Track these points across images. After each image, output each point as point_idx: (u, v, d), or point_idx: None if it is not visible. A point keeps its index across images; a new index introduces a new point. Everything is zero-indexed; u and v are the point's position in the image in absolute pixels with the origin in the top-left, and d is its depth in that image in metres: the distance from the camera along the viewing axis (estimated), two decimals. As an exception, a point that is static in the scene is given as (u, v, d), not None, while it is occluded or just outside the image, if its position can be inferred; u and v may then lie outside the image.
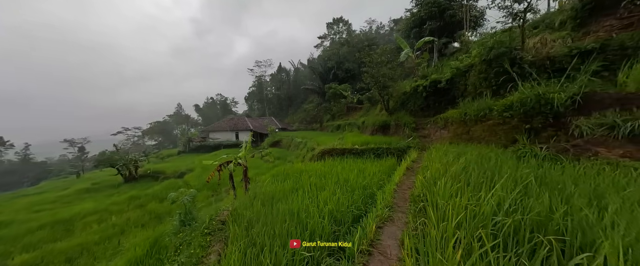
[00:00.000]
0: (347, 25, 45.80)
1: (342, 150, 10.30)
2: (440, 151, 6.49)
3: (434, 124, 11.36)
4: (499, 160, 4.33)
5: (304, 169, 7.96)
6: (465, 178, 3.16)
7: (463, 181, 3.09)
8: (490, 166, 3.84)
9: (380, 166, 7.75)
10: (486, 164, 4.03)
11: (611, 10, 8.44)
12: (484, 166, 4.07)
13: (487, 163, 4.14)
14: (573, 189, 2.57)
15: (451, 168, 3.68)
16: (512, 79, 8.07)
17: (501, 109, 7.15)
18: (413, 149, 9.66)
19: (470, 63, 10.20)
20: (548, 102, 6.06)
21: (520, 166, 3.88)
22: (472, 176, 3.27)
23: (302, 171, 7.72)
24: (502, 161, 4.36)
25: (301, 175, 7.02)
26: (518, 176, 3.09)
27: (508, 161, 4.40)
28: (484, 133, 7.76)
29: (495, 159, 4.46)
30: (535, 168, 3.83)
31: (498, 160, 4.36)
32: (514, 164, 4.08)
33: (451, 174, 3.38)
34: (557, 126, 5.99)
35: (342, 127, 27.65)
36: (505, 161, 4.34)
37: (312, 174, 6.93)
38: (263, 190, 5.61)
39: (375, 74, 15.30)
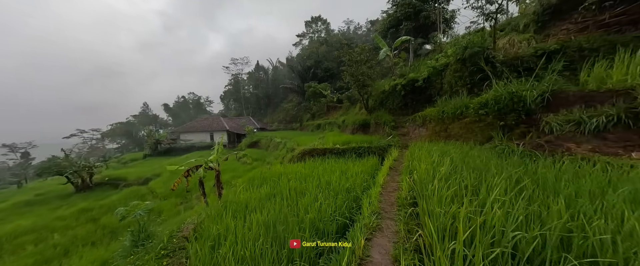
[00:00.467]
0: (326, 24, 45.67)
1: (323, 150, 9.90)
2: (423, 150, 6.38)
3: (412, 123, 11.48)
4: (484, 158, 4.23)
5: (282, 171, 7.40)
6: (457, 181, 2.92)
7: (456, 184, 2.83)
8: (477, 166, 3.69)
9: (363, 166, 7.48)
10: (472, 163, 3.89)
11: (567, 15, 9.16)
12: (470, 165, 3.92)
13: (473, 162, 4.01)
14: (569, 189, 2.44)
15: (440, 169, 3.44)
16: (485, 77, 8.32)
17: (477, 106, 7.28)
18: (394, 148, 9.58)
19: (446, 62, 10.43)
20: (521, 99, 6.23)
21: (505, 165, 3.79)
22: (464, 178, 3.04)
23: (281, 174, 7.15)
24: (487, 159, 4.28)
25: (280, 179, 6.46)
26: (509, 177, 2.91)
27: (492, 158, 4.34)
28: (461, 130, 7.88)
29: (480, 158, 4.37)
30: (519, 166, 3.76)
31: (483, 159, 4.26)
32: (499, 162, 4.00)
33: (442, 176, 3.13)
34: (529, 123, 6.20)
35: (323, 126, 27.41)
36: (489, 159, 4.27)
37: (292, 178, 6.41)
38: (236, 198, 4.96)
39: (354, 73, 15.17)
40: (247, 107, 57.87)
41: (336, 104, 31.59)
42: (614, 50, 6.46)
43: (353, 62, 15.55)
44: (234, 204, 4.58)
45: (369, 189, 5.03)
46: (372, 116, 14.84)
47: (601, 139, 4.78)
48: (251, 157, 22.32)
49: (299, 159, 9.69)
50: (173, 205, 11.37)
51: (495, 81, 7.12)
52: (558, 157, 4.64)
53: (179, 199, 11.75)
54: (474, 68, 8.50)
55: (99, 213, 10.34)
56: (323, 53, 41.30)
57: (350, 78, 15.68)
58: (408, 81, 12.72)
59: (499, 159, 4.36)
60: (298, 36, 47.27)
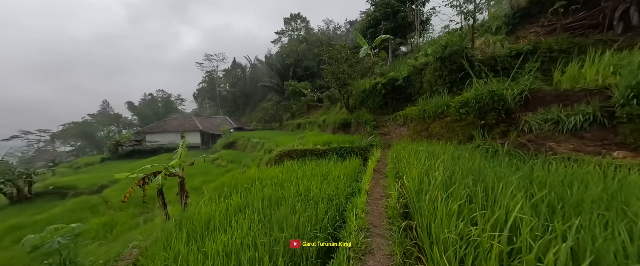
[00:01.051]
0: (305, 22, 44.90)
1: (303, 151, 9.26)
2: (407, 151, 6.05)
3: (393, 122, 11.31)
4: (477, 162, 3.92)
5: (257, 177, 6.62)
6: (459, 190, 2.49)
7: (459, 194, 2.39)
8: (471, 169, 3.35)
9: (345, 168, 6.99)
10: (466, 166, 3.55)
11: (535, 18, 9.59)
12: (462, 167, 3.57)
13: (465, 164, 3.67)
14: (577, 194, 2.14)
15: (435, 175, 3.01)
16: (464, 76, 8.32)
17: (458, 105, 7.18)
18: (376, 148, 9.27)
19: (425, 61, 10.38)
20: (501, 98, 6.18)
21: (497, 167, 3.51)
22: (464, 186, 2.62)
23: (256, 179, 6.37)
24: (476, 160, 3.99)
25: (253, 186, 5.69)
26: (516, 185, 2.54)
27: (481, 160, 4.08)
28: (443, 129, 7.76)
29: (472, 160, 4.08)
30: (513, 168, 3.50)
31: (475, 162, 3.95)
32: (490, 165, 3.71)
33: (438, 183, 2.69)
34: (509, 122, 6.17)
35: (303, 126, 26.75)
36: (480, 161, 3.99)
37: (267, 184, 5.69)
38: (196, 213, 4.12)
39: (335, 71, 14.73)
40: (224, 106, 54.95)
41: (317, 104, 31.09)
42: (580, 51, 6.75)
43: (333, 60, 15.10)
44: (192, 222, 3.74)
45: (353, 196, 4.51)
46: (353, 115, 14.53)
47: (579, 138, 4.79)
48: (226, 159, 20.89)
49: (276, 162, 8.93)
50: (131, 217, 9.91)
51: (476, 80, 7.07)
52: (542, 156, 4.53)
53: (139, 209, 10.28)
54: (454, 67, 8.46)
55: (33, 230, 8.56)
56: (303, 51, 40.52)
57: (331, 77, 15.22)
58: (388, 79, 12.58)
59: (489, 161, 4.11)
60: (277, 33, 45.92)
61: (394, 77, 12.43)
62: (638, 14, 7.13)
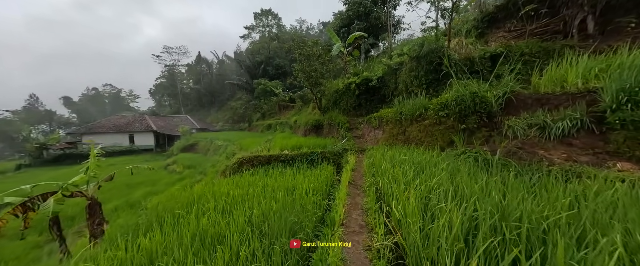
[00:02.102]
0: (277, 18, 42.87)
1: (268, 158, 7.86)
2: (386, 160, 5.14)
3: (367, 124, 10.55)
4: (482, 180, 3.05)
5: (202, 194, 5.08)
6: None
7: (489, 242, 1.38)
8: (475, 190, 2.47)
9: (315, 179, 5.84)
10: (471, 188, 2.67)
11: (502, 23, 9.68)
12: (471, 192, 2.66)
13: (471, 186, 2.79)
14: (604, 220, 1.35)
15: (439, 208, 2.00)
16: (441, 77, 7.84)
17: (437, 108, 6.57)
18: (350, 153, 8.32)
19: (400, 61, 9.81)
20: (483, 101, 5.67)
21: (496, 185, 2.70)
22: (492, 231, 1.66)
23: (199, 198, 4.83)
24: (480, 179, 3.15)
25: (191, 210, 4.17)
26: (559, 222, 1.66)
27: (481, 174, 3.29)
28: (421, 133, 7.12)
29: (472, 177, 3.24)
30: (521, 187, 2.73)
31: (481, 181, 3.08)
32: (490, 181, 2.90)
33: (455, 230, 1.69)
34: (491, 127, 5.68)
35: (274, 127, 25.13)
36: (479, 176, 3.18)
37: (211, 207, 4.23)
38: None
39: (306, 69, 13.56)
40: (187, 104, 49.81)
41: (288, 104, 29.61)
42: (549, 55, 6.68)
43: (305, 57, 13.92)
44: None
45: (324, 225, 3.35)
46: (326, 116, 13.52)
47: (568, 145, 4.35)
48: (182, 164, 18.17)
49: (234, 171, 7.38)
50: (32, 247, 7.48)
51: (457, 81, 6.53)
52: (538, 167, 3.94)
53: (45, 235, 7.79)
54: (431, 66, 7.94)
55: None
56: (274, 49, 38.53)
57: (302, 75, 14.02)
58: (362, 79, 11.84)
59: (485, 174, 3.34)
60: (246, 28, 42.97)
61: (368, 77, 11.73)
62: (594, 23, 7.38)
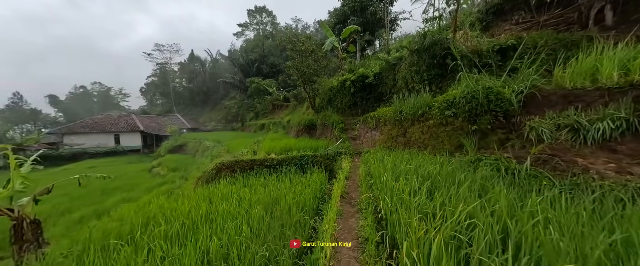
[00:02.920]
0: (271, 16, 41.65)
1: (251, 163, 6.86)
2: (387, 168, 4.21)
3: (363, 124, 9.63)
4: (530, 206, 2.14)
5: (158, 212, 4.06)
6: None
7: None
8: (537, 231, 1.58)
9: (302, 190, 4.89)
10: (518, 222, 1.77)
11: (509, 15, 8.87)
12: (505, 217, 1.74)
13: (504, 204, 1.88)
14: None
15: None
16: (445, 73, 6.97)
17: (443, 106, 5.68)
18: (344, 157, 7.39)
19: (399, 56, 8.92)
20: (499, 98, 4.78)
21: (540, 210, 1.80)
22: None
23: (148, 220, 3.82)
24: (513, 196, 2.25)
25: (133, 239, 3.17)
26: None
27: (514, 192, 2.39)
28: (424, 135, 6.22)
29: (510, 200, 2.33)
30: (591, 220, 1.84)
31: (525, 205, 2.17)
32: (527, 201, 2.01)
33: None
34: (508, 128, 4.80)
35: (267, 126, 24.12)
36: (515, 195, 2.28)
37: (163, 232, 3.24)
38: None
39: (299, 66, 12.58)
40: (179, 103, 48.23)
41: (283, 103, 28.60)
42: (567, 47, 5.87)
43: (297, 53, 12.93)
44: None
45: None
46: (319, 116, 12.57)
47: (610, 152, 3.49)
48: (167, 166, 16.94)
49: (211, 179, 6.36)
50: None
51: (467, 74, 5.64)
52: (581, 180, 3.06)
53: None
54: (434, 61, 7.05)
55: None
56: (269, 47, 37.39)
57: (295, 72, 13.04)
58: (358, 76, 10.93)
59: (516, 191, 2.44)
60: (240, 26, 41.63)
61: (364, 74, 10.82)
62: (613, 13, 6.61)
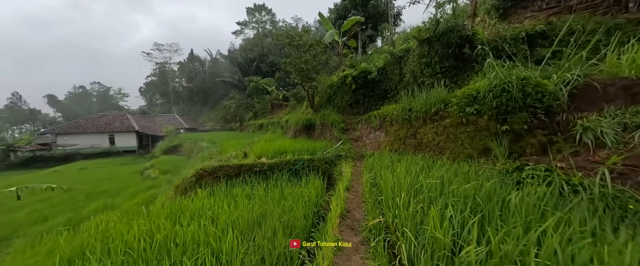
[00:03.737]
0: (271, 14, 40.66)
1: (237, 168, 5.90)
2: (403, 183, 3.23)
3: (366, 124, 8.64)
4: None
5: (102, 237, 3.10)
6: None
7: None
8: None
9: (294, 204, 3.93)
10: None
11: (530, 2, 7.89)
12: None
13: None
14: None
15: None
16: (462, 64, 5.97)
17: (463, 102, 4.68)
18: (345, 161, 6.41)
19: (406, 48, 7.91)
20: (539, 90, 3.78)
21: None
22: None
23: (82, 249, 2.86)
24: None
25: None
26: None
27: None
28: (438, 137, 5.23)
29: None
30: None
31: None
32: None
33: None
34: (551, 128, 3.79)
35: (265, 126, 23.24)
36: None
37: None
38: None
39: (296, 62, 11.62)
40: (179, 103, 47.45)
41: (282, 102, 27.67)
42: (609, 33, 4.88)
43: (294, 47, 11.97)
44: None
45: None
46: (318, 115, 11.58)
47: None
48: (159, 169, 15.98)
49: (189, 188, 5.40)
50: None
51: (496, 62, 4.63)
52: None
53: None
54: (448, 50, 6.05)
55: None
56: (268, 46, 36.43)
57: (292, 69, 12.08)
58: (360, 72, 9.94)
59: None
60: (239, 24, 40.71)
61: (366, 70, 9.83)
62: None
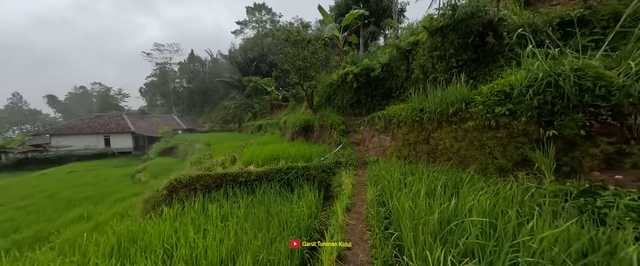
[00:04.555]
0: (271, 14, 39.86)
1: (219, 178, 4.99)
2: (428, 220, 2.30)
3: (369, 126, 7.70)
4: None
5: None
6: None
7: None
8: None
9: (279, 230, 3.01)
10: None
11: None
12: None
13: None
14: None
15: None
16: (482, 57, 5.03)
17: (491, 100, 3.74)
18: (345, 170, 5.49)
19: (415, 40, 6.98)
20: (601, 84, 2.83)
21: None
22: None
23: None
24: None
25: None
26: None
27: None
28: (459, 143, 4.28)
29: None
30: None
31: None
32: None
33: None
34: (620, 134, 2.84)
35: (264, 127, 22.41)
36: None
37: None
38: None
39: (293, 59, 10.74)
40: (179, 103, 46.80)
41: (281, 103, 26.83)
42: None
43: (292, 43, 11.09)
44: None
45: None
46: (317, 116, 10.67)
47: None
48: (150, 172, 15.10)
49: (159, 203, 4.50)
50: None
51: (538, 50, 3.69)
52: None
53: None
54: (467, 40, 5.11)
55: None
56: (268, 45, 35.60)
57: (289, 66, 11.20)
58: (362, 69, 9.02)
59: None
60: (238, 24, 39.95)
61: (369, 66, 8.91)
62: None
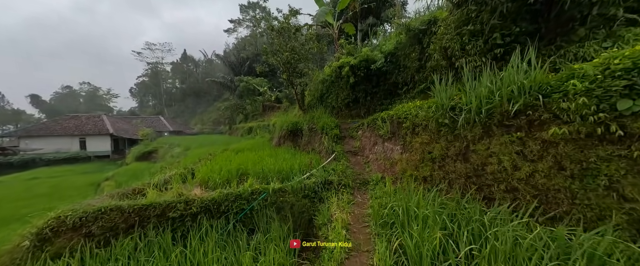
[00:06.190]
0: (265, 12, 38.03)
1: (137, 213, 3.07)
2: None
3: (370, 131, 5.85)
4: None
5: None
6: None
7: None
8: None
9: None
10: None
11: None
12: None
13: None
14: None
15: None
16: (544, 28, 3.23)
17: (612, 86, 1.89)
18: (336, 194, 3.61)
19: (431, 18, 5.16)
20: None
21: None
22: None
23: None
24: None
25: None
26: None
27: None
28: (529, 165, 2.44)
29: None
30: None
31: None
32: None
33: None
34: None
35: (254, 130, 20.55)
36: None
37: None
38: None
39: (280, 50, 8.92)
40: (171, 104, 44.54)
41: (274, 104, 25.03)
42: None
43: (277, 32, 9.26)
44: None
45: None
46: (306, 117, 8.81)
47: None
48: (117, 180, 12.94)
49: (28, 258, 2.55)
50: None
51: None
52: None
53: None
54: (523, 4, 3.30)
55: None
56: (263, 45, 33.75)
57: (275, 59, 9.38)
58: (361, 60, 7.20)
59: None
60: (231, 22, 38.00)
61: (369, 57, 7.11)
62: None
